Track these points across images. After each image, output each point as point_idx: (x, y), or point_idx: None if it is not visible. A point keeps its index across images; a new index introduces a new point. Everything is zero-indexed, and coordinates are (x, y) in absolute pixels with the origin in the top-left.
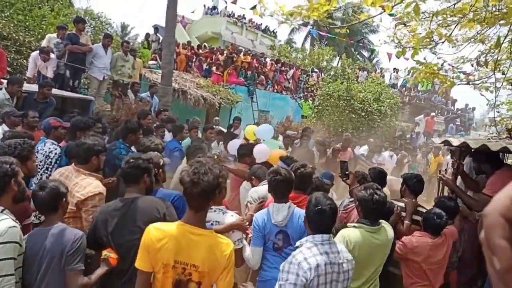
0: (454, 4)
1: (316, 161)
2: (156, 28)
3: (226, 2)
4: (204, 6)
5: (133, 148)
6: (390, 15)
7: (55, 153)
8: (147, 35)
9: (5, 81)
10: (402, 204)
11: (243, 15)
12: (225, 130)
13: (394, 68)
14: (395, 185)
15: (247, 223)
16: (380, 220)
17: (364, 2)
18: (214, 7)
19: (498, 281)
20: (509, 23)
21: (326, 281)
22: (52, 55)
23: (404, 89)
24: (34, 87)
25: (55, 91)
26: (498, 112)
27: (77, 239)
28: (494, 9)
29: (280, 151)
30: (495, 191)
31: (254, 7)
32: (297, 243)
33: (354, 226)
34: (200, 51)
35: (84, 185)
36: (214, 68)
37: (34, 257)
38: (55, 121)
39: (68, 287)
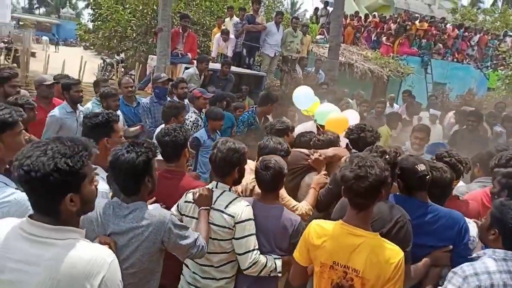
0: None
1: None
2: (326, 2)
3: None
4: None
5: None
6: None
7: (190, 120)
8: (316, 9)
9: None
10: None
11: None
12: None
13: None
14: None
15: None
16: None
17: None
18: None
19: None
20: None
21: None
22: (231, 36)
23: None
24: (217, 66)
25: (233, 68)
26: None
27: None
28: None
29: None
30: None
31: None
32: (473, 255)
33: None
34: (369, 21)
35: None
36: (384, 39)
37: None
38: (197, 91)
39: None
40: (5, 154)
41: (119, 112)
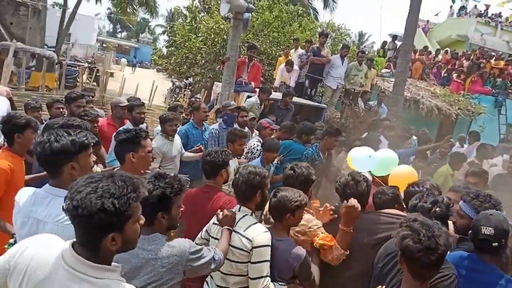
0: None
1: None
2: (394, 36)
3: (476, 5)
4: (451, 7)
5: None
6: None
7: (257, 149)
8: (384, 43)
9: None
10: None
11: (499, 13)
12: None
13: None
14: None
15: None
16: None
17: None
18: (463, 7)
19: None
20: None
21: None
22: (295, 67)
23: None
24: (278, 95)
25: (295, 99)
26: None
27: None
28: None
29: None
30: None
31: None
32: None
33: None
34: (440, 56)
35: None
36: (454, 75)
37: None
38: (265, 122)
39: None
40: (79, 174)
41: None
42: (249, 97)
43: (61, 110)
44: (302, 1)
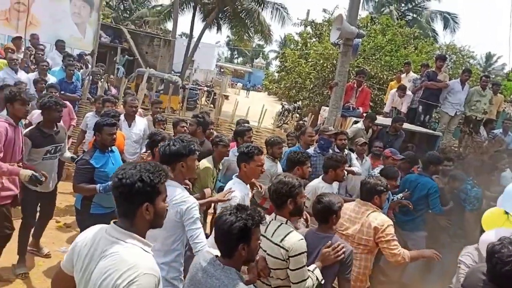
0: None
1: None
2: None
3: None
4: None
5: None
6: None
7: None
8: None
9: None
10: None
11: None
12: None
13: None
14: None
15: None
16: None
17: None
18: None
19: None
20: None
21: None
22: (408, 92)
23: None
24: (388, 121)
25: (406, 125)
26: None
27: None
28: None
29: None
30: None
31: None
32: None
33: None
34: None
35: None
36: None
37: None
38: (388, 151)
39: None
40: (186, 173)
41: None
42: (355, 122)
43: (185, 128)
44: (420, 22)
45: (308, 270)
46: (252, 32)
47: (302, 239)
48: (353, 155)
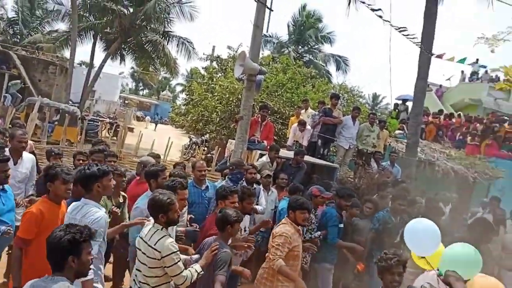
0: None
1: None
2: (404, 99)
3: (486, 69)
4: (462, 72)
5: None
6: None
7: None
8: (396, 105)
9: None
10: None
11: None
12: None
13: None
14: None
15: None
16: None
17: None
18: (474, 73)
19: None
20: None
21: None
22: (308, 126)
23: None
24: (291, 154)
25: (307, 157)
26: None
27: None
28: None
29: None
30: None
31: None
32: None
33: None
34: (453, 119)
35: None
36: (469, 139)
37: None
38: (316, 190)
39: None
40: (103, 193)
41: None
42: (261, 155)
43: (81, 162)
44: (316, 64)
45: (192, 266)
46: (157, 64)
47: (171, 242)
48: (261, 188)
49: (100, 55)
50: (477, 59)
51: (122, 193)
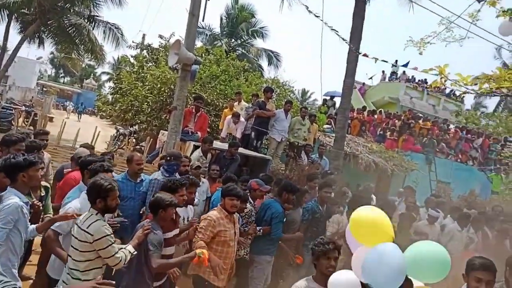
0: None
1: None
2: (332, 96)
3: (405, 71)
4: (383, 72)
5: None
6: None
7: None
8: (324, 100)
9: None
10: None
11: (425, 79)
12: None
13: None
14: None
15: None
16: None
17: None
18: (394, 73)
19: None
20: None
21: None
22: (242, 119)
23: None
24: (225, 146)
25: (241, 150)
26: None
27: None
28: None
29: None
30: None
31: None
32: None
33: None
34: (375, 116)
35: None
36: (388, 134)
37: None
38: (255, 183)
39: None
40: (28, 183)
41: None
42: (195, 146)
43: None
44: (249, 57)
45: (125, 247)
46: (81, 50)
47: (104, 225)
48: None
49: (16, 37)
50: (397, 60)
51: (44, 183)
